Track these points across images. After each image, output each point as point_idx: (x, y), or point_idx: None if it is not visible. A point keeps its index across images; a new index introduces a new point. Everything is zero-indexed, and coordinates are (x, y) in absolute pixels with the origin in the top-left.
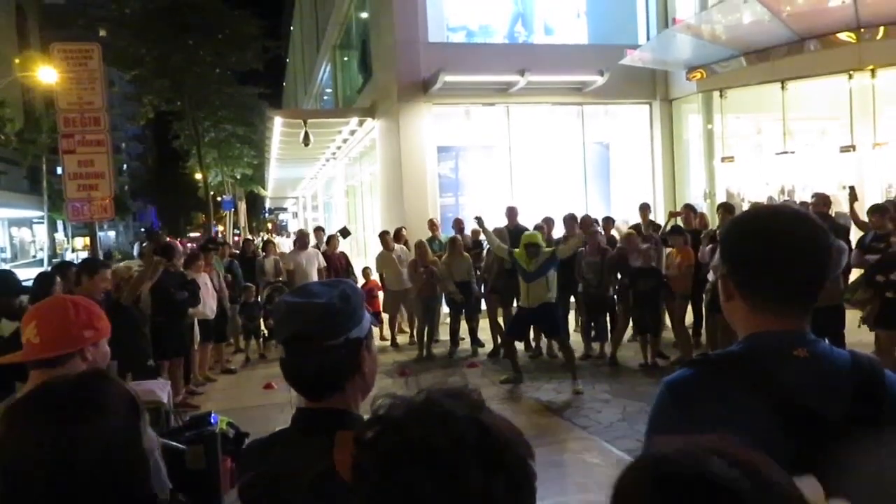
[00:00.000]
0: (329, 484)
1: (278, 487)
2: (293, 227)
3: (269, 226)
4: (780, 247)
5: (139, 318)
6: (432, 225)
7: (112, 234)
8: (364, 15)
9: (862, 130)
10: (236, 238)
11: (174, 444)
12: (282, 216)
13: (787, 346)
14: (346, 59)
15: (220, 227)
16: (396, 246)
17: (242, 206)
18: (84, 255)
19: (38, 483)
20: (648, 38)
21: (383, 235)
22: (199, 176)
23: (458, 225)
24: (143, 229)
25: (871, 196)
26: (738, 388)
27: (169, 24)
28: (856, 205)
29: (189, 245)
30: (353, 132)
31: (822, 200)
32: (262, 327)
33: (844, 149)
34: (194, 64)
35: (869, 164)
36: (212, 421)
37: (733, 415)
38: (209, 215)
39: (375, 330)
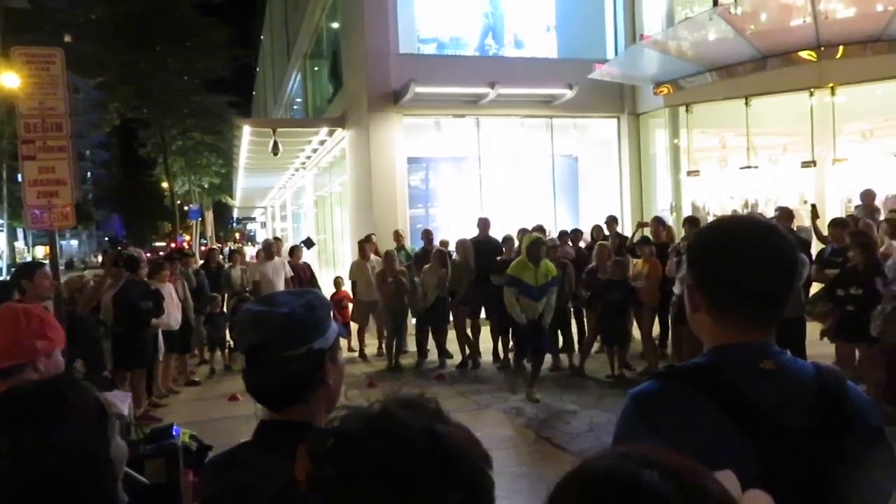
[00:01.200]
0: (290, 499)
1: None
2: (261, 237)
3: (237, 235)
4: (746, 258)
5: (95, 328)
6: (397, 236)
7: (74, 242)
8: (335, 25)
9: (822, 147)
10: (203, 248)
11: (133, 474)
12: (250, 226)
13: (753, 359)
14: (316, 68)
15: (187, 237)
16: (373, 256)
17: (209, 216)
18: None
19: None
20: (616, 53)
21: (362, 244)
22: (165, 185)
23: (427, 236)
24: (106, 238)
25: (831, 211)
26: (704, 401)
27: (136, 31)
28: (817, 220)
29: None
30: (322, 142)
31: (785, 214)
32: (228, 338)
33: (805, 164)
34: (161, 71)
35: (829, 180)
36: (174, 433)
37: (698, 427)
38: (176, 225)
39: (343, 341)
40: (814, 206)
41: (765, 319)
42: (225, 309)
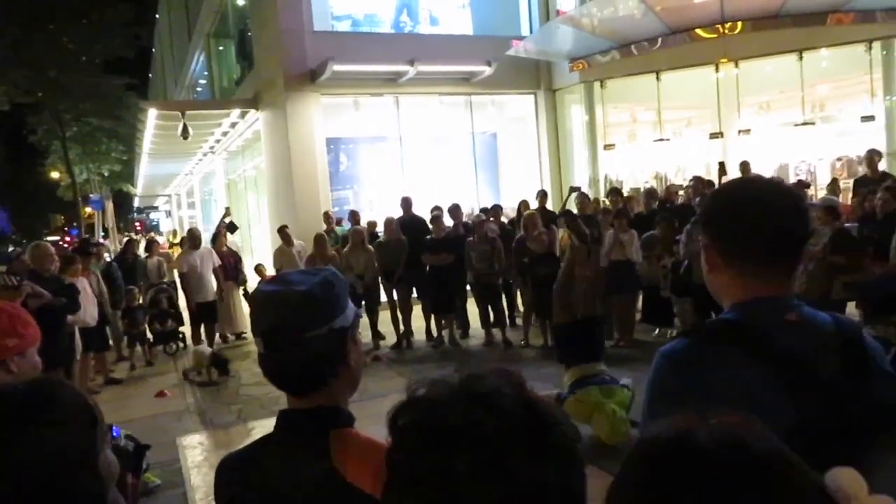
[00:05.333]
0: (332, 490)
1: (272, 501)
2: (165, 226)
3: (137, 226)
4: (767, 211)
5: None
6: (328, 218)
7: None
8: (241, 2)
9: (728, 118)
10: (103, 241)
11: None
12: (153, 215)
13: (778, 312)
14: (221, 48)
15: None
16: (296, 241)
17: (110, 206)
18: None
19: None
20: (531, 30)
21: (283, 230)
22: (56, 175)
23: (355, 217)
24: None
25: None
26: (737, 355)
27: (27, 7)
28: (724, 178)
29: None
30: (234, 124)
31: (701, 183)
32: (147, 332)
33: (714, 135)
34: (56, 51)
35: (735, 150)
36: (114, 434)
37: (733, 380)
38: (78, 217)
39: None
40: (721, 164)
41: (785, 272)
42: (142, 301)
